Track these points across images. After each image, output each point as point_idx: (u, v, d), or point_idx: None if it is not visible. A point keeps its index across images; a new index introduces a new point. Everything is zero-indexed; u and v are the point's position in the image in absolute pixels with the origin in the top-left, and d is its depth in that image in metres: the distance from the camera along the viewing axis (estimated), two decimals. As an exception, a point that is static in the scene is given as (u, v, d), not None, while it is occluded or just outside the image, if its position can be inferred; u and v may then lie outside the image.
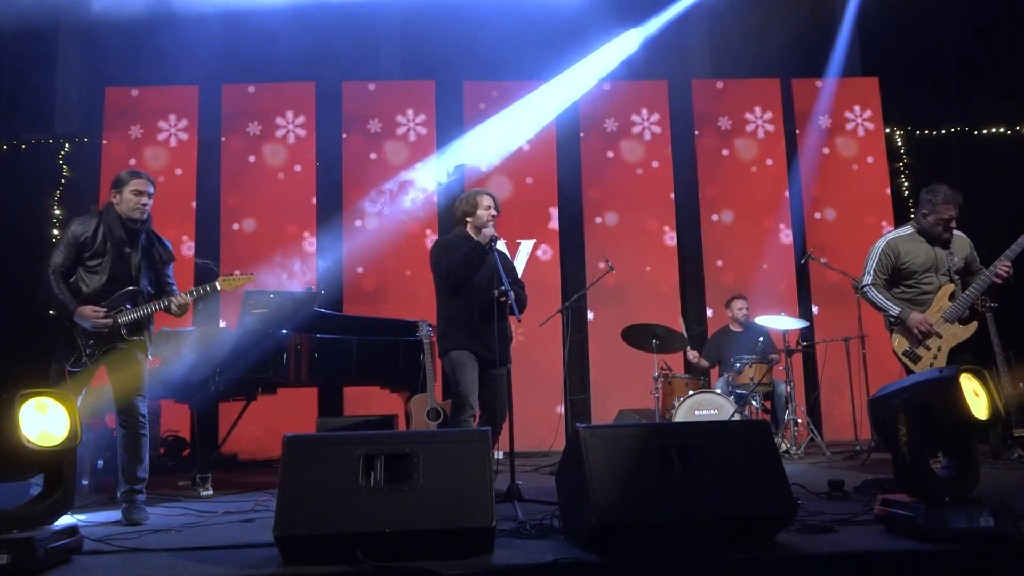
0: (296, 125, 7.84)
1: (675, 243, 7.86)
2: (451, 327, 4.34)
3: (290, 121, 7.84)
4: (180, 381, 4.83)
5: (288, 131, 7.83)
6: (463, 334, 4.28)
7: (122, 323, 3.82)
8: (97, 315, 3.76)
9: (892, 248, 4.57)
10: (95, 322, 3.76)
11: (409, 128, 7.90)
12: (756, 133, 8.08)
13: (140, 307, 3.88)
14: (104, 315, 3.77)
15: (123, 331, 3.83)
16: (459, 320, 4.31)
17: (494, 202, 4.45)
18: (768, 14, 8.06)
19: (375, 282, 7.65)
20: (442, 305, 4.45)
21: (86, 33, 7.95)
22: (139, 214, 3.90)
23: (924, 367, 4.41)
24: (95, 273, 3.83)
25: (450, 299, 4.37)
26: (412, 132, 7.89)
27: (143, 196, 3.90)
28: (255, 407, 5.60)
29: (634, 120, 8.04)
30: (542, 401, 7.17)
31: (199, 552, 2.96)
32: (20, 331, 7.23)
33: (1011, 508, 2.77)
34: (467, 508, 2.70)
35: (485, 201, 4.43)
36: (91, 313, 3.76)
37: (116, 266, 3.86)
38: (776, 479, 2.86)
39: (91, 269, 3.83)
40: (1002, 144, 8.29)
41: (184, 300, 3.94)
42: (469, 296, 4.31)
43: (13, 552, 2.60)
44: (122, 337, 3.83)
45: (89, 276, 3.83)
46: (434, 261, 4.41)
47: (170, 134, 7.76)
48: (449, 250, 4.38)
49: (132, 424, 3.85)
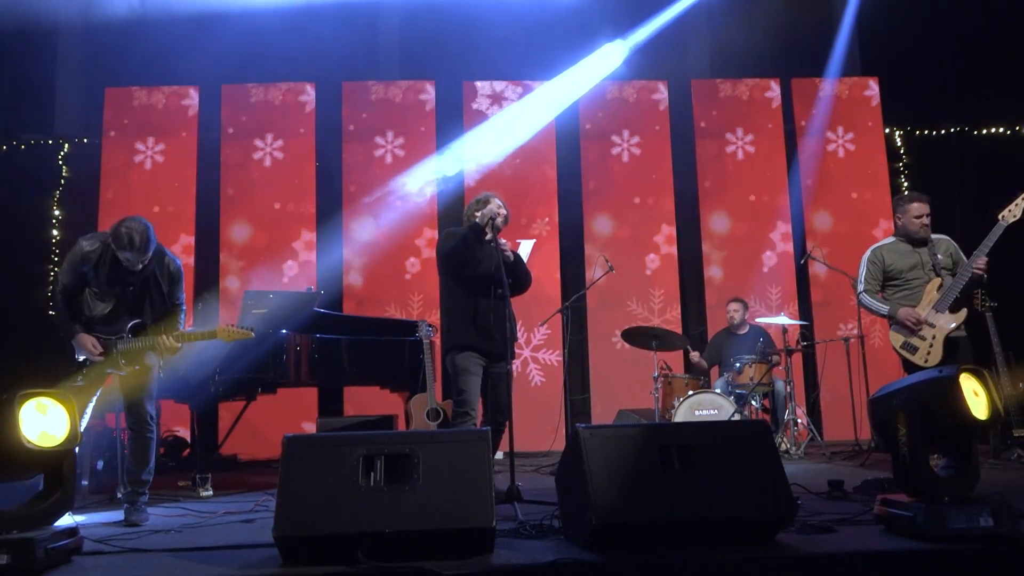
0: (296, 125, 7.84)
1: (675, 243, 7.86)
2: (455, 320, 4.31)
3: (290, 121, 7.84)
4: (180, 381, 4.83)
5: (288, 131, 7.82)
6: (468, 328, 4.26)
7: (120, 351, 3.82)
8: (94, 351, 3.77)
9: (877, 256, 4.82)
10: (90, 354, 3.78)
11: (409, 128, 7.89)
12: (756, 133, 8.07)
13: (139, 339, 3.85)
14: (100, 352, 3.78)
15: (121, 361, 3.82)
16: (464, 311, 4.28)
17: (503, 207, 4.44)
18: (768, 14, 8.06)
19: (375, 282, 7.65)
20: (446, 297, 4.44)
21: (86, 33, 7.95)
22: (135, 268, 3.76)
23: (921, 356, 4.53)
24: (100, 300, 3.82)
25: (454, 289, 4.35)
26: (412, 132, 7.89)
27: (135, 264, 3.73)
28: (255, 407, 5.61)
29: (634, 120, 8.04)
30: (542, 401, 7.17)
31: (199, 552, 2.96)
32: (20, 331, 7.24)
33: (1011, 508, 2.77)
34: (467, 508, 2.70)
35: (496, 201, 4.43)
36: (87, 344, 3.77)
37: (121, 297, 3.83)
38: (776, 479, 2.86)
39: (97, 295, 3.82)
40: (1002, 144, 8.29)
41: (173, 346, 3.84)
42: (474, 288, 4.29)
43: (13, 552, 2.60)
44: (118, 364, 3.83)
45: (94, 302, 3.83)
46: (440, 248, 4.43)
47: (170, 134, 7.76)
48: (453, 236, 4.38)
49: (140, 427, 3.84)
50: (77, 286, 3.81)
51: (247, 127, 7.80)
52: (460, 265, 4.29)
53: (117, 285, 3.80)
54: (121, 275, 3.78)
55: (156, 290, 3.90)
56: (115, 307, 3.82)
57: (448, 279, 4.40)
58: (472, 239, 4.25)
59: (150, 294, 3.89)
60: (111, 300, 3.81)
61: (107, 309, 3.81)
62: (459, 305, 4.32)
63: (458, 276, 4.33)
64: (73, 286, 3.80)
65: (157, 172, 7.69)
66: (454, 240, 4.31)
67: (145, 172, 7.67)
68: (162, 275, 3.91)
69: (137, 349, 3.84)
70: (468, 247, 4.25)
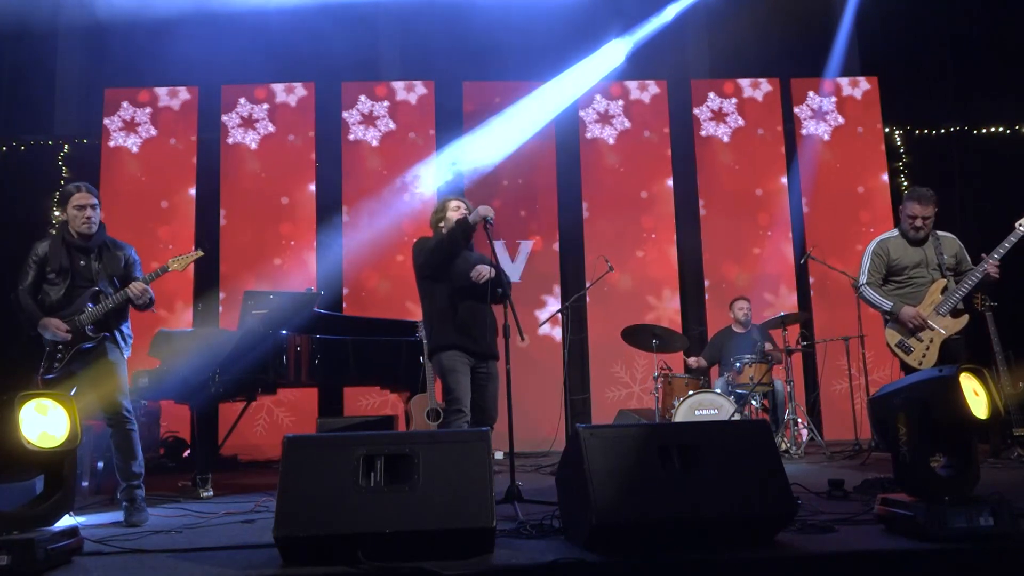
0: (295, 125, 7.84)
1: (674, 243, 7.86)
2: (436, 322, 4.27)
3: (289, 121, 7.84)
4: (180, 382, 4.82)
5: (287, 131, 7.83)
6: (448, 327, 4.22)
7: (84, 321, 3.85)
8: (60, 329, 3.80)
9: (883, 248, 4.71)
10: (56, 332, 3.80)
11: (408, 128, 7.90)
12: (755, 133, 8.08)
13: (101, 303, 3.90)
14: (66, 329, 3.81)
15: (88, 330, 3.85)
16: (443, 313, 4.24)
17: (463, 203, 4.40)
18: (768, 14, 8.06)
19: (375, 283, 7.65)
20: (426, 302, 4.36)
21: (86, 33, 7.95)
22: (87, 228, 3.91)
23: (916, 358, 4.49)
24: (56, 285, 3.89)
25: (434, 292, 4.29)
26: (411, 132, 7.89)
27: (86, 209, 3.89)
28: (255, 407, 5.62)
29: (633, 120, 8.04)
30: (542, 401, 7.16)
31: (199, 553, 2.96)
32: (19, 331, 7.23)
33: (1011, 508, 2.77)
34: (467, 508, 2.69)
35: (452, 204, 4.39)
36: (52, 324, 3.81)
37: (75, 276, 3.91)
38: (776, 479, 2.86)
39: (52, 282, 3.89)
40: (1002, 144, 8.29)
41: (140, 286, 3.92)
42: (452, 288, 4.24)
43: (13, 553, 2.60)
44: (87, 336, 3.85)
45: (51, 288, 3.89)
46: (416, 254, 4.34)
47: (170, 134, 7.76)
48: (429, 242, 4.33)
49: (118, 422, 3.87)
50: (36, 283, 3.91)
51: (247, 127, 7.80)
52: (445, 260, 4.22)
53: (69, 263, 3.90)
54: (72, 254, 3.91)
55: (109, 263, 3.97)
56: (70, 286, 3.89)
57: (427, 285, 4.33)
58: (459, 236, 4.21)
59: (104, 267, 3.96)
60: (66, 280, 3.89)
61: (63, 290, 3.88)
62: (439, 309, 4.26)
63: (436, 279, 4.27)
64: (32, 285, 3.90)
65: (157, 172, 7.69)
66: (437, 239, 4.27)
67: (145, 172, 7.67)
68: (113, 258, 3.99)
69: (101, 313, 3.88)
70: (455, 243, 4.21)
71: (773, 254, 7.85)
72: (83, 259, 3.92)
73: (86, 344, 3.85)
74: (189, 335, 5.11)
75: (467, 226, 4.22)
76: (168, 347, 5.00)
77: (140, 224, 7.37)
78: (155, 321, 6.56)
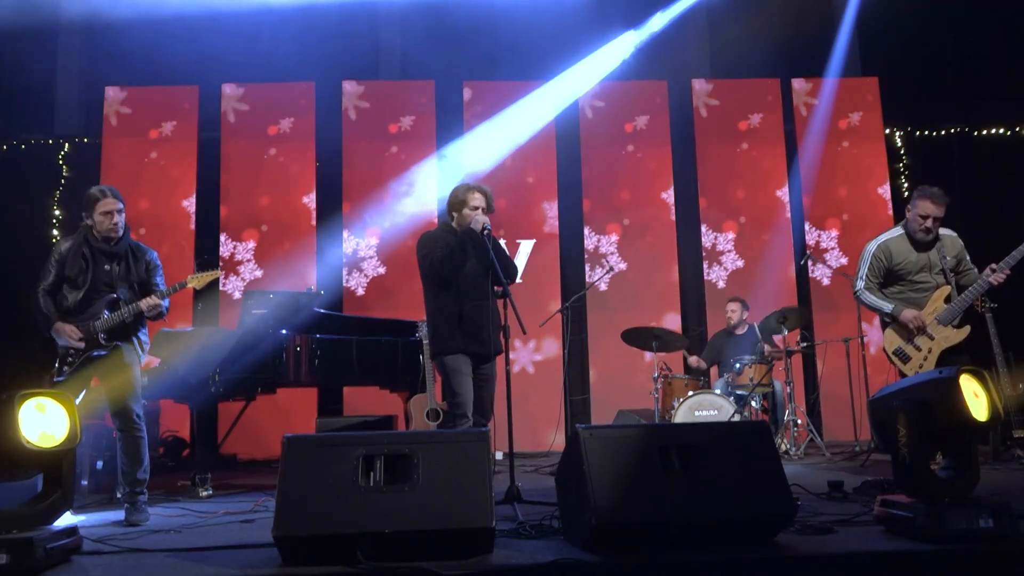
0: (296, 125, 7.84)
1: (675, 243, 7.86)
2: (441, 324, 4.26)
3: (290, 121, 7.84)
4: (180, 381, 4.82)
5: (288, 131, 7.82)
6: (454, 332, 4.21)
7: (98, 329, 3.84)
8: (72, 336, 3.81)
9: (884, 250, 4.54)
10: (69, 339, 3.81)
11: (408, 129, 7.90)
12: (755, 133, 8.07)
13: (117, 312, 3.90)
14: (79, 337, 3.82)
15: (101, 337, 3.85)
16: (450, 316, 4.23)
17: (485, 200, 4.32)
18: (768, 14, 8.06)
19: (375, 282, 7.65)
20: (430, 302, 4.35)
21: (86, 33, 7.95)
22: (114, 232, 3.93)
23: (913, 368, 4.40)
24: (76, 287, 3.89)
25: (439, 294, 4.29)
26: (411, 133, 7.89)
27: (113, 215, 3.90)
28: (255, 407, 5.60)
29: (633, 120, 8.04)
30: (542, 401, 7.16)
31: (199, 552, 2.96)
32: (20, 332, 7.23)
33: (1011, 508, 2.77)
34: (467, 508, 2.69)
35: (473, 200, 4.29)
36: (66, 331, 3.81)
37: (96, 279, 3.91)
38: (776, 479, 2.86)
39: (72, 283, 3.89)
40: (1002, 145, 8.29)
41: (152, 301, 3.94)
42: (459, 290, 4.24)
43: (12, 552, 2.60)
44: (100, 344, 3.86)
45: (70, 290, 3.89)
46: (421, 255, 4.31)
47: (170, 134, 7.76)
48: (436, 242, 4.30)
49: (128, 427, 3.87)
50: (56, 283, 3.91)
51: (247, 127, 7.79)
52: (452, 272, 4.23)
53: (91, 266, 3.90)
54: (95, 258, 3.91)
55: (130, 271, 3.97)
56: (88, 291, 3.88)
57: (432, 285, 4.33)
58: (465, 248, 4.22)
59: (125, 273, 3.96)
60: (84, 284, 3.88)
61: (82, 293, 3.87)
62: (445, 310, 4.25)
63: (445, 282, 4.27)
64: (52, 285, 3.90)
65: (157, 172, 7.68)
66: (444, 249, 4.23)
67: (145, 172, 7.67)
68: (137, 262, 4.00)
69: (116, 322, 3.88)
70: (460, 256, 4.21)
71: (773, 254, 7.84)
72: (107, 263, 3.93)
73: (98, 352, 3.86)
74: (189, 334, 5.10)
75: (474, 236, 4.21)
76: (168, 346, 4.99)
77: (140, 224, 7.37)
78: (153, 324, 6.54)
